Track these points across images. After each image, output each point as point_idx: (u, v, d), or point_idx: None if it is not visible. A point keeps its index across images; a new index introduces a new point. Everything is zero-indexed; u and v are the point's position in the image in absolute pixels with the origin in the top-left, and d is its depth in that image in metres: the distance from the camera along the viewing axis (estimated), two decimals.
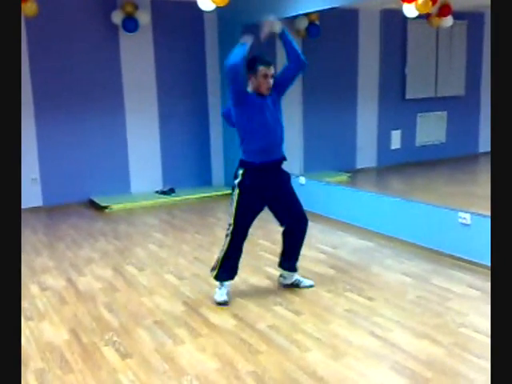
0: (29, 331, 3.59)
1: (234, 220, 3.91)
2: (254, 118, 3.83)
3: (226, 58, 3.79)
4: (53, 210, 7.01)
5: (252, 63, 3.84)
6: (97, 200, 7.15)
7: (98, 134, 7.33)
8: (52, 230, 6.21)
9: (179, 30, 7.63)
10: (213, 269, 4.06)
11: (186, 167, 7.95)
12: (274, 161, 3.95)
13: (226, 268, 4.01)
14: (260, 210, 4.00)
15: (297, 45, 3.97)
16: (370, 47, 8.57)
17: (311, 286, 4.23)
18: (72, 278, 4.62)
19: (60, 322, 3.73)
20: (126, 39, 7.30)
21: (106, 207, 6.98)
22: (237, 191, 3.91)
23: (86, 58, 7.14)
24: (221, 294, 4.00)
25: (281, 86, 3.96)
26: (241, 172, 3.91)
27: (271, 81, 3.84)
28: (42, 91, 6.93)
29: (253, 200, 3.93)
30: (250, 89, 3.88)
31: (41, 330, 3.61)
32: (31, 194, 6.97)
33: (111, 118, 7.41)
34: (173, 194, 7.55)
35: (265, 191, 3.95)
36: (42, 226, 6.45)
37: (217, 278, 4.03)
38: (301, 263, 4.73)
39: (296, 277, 4.25)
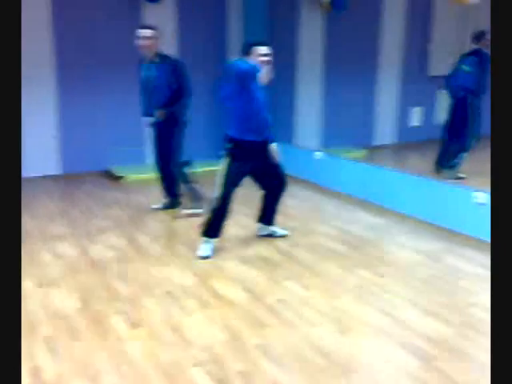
0: (39, 298, 3.63)
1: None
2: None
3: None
4: (71, 178, 7.06)
5: (247, 47, 4.14)
6: (113, 170, 7.18)
7: (117, 106, 7.33)
8: (68, 197, 6.25)
9: (203, 1, 7.56)
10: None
11: (203, 139, 7.92)
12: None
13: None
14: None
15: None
16: (394, 22, 8.44)
17: (285, 235, 4.75)
18: (85, 246, 4.65)
19: (71, 290, 3.77)
20: (148, 10, 7.24)
21: (121, 177, 7.00)
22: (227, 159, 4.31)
23: (108, 28, 7.11)
24: (205, 249, 4.36)
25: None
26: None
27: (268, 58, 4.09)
28: (65, 61, 6.93)
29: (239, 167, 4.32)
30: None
31: (51, 297, 3.65)
32: (51, 162, 7.05)
33: (130, 89, 7.38)
34: (189, 166, 7.52)
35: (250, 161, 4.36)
36: (59, 193, 6.51)
37: (205, 234, 4.42)
38: (314, 238, 4.76)
39: (272, 228, 4.75)
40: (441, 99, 9.04)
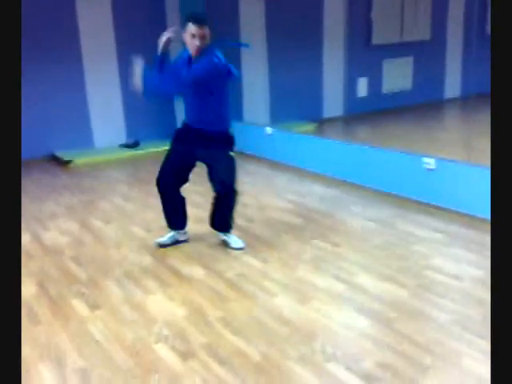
0: None
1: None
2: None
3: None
4: None
5: (185, 19, 3.67)
6: (60, 155, 7.03)
7: (57, 87, 7.14)
8: None
9: None
10: None
11: (150, 119, 7.83)
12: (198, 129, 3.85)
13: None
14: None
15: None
16: None
17: (240, 249, 4.03)
18: (37, 232, 4.56)
19: (27, 276, 3.69)
20: None
21: (69, 162, 6.86)
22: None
23: (43, 9, 6.90)
24: (164, 236, 4.18)
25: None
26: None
27: (197, 41, 3.59)
28: None
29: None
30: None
31: None
32: None
33: (69, 70, 7.22)
34: (137, 147, 7.45)
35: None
36: None
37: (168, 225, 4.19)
38: (269, 212, 4.79)
39: (223, 237, 4.14)
40: (386, 68, 9.18)
